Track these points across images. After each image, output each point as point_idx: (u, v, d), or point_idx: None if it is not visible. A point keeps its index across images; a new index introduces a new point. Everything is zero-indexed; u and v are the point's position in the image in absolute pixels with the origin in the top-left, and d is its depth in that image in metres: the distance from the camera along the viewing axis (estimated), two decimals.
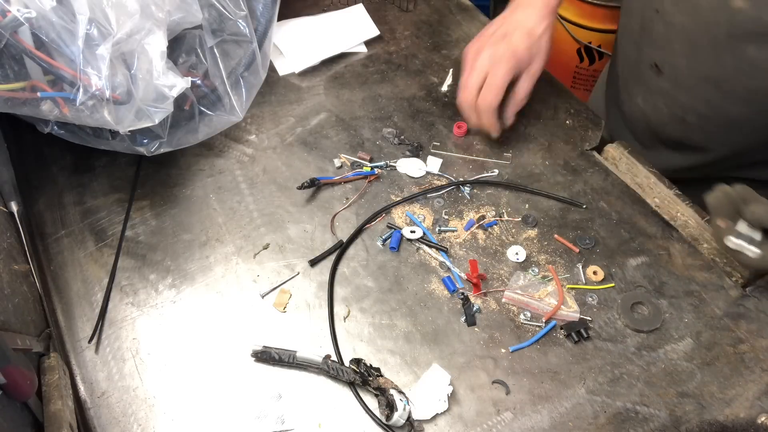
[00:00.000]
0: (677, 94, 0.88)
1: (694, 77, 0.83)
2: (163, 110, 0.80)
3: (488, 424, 0.72)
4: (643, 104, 0.90)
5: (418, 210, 0.90)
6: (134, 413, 0.73)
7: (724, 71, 0.80)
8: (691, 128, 0.88)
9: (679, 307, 0.80)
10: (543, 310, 0.79)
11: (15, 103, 0.76)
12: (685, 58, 0.83)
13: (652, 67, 0.88)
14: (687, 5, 0.79)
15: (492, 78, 0.87)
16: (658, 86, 0.89)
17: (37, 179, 0.93)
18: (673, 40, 0.84)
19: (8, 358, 0.60)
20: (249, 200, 0.91)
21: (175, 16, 0.84)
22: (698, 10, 0.78)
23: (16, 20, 0.70)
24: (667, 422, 0.71)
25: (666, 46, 0.86)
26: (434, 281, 0.83)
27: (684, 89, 0.86)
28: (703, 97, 0.84)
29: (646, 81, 0.91)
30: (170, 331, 0.79)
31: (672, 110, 0.89)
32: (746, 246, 0.72)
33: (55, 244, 0.87)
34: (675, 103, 0.89)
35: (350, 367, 0.74)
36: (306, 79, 1.07)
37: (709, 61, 0.80)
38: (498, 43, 0.88)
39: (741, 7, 0.73)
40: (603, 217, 0.89)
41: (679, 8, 0.81)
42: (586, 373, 0.75)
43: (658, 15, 0.84)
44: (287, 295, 0.82)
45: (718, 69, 0.80)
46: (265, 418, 0.72)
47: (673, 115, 0.89)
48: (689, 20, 0.80)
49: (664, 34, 0.85)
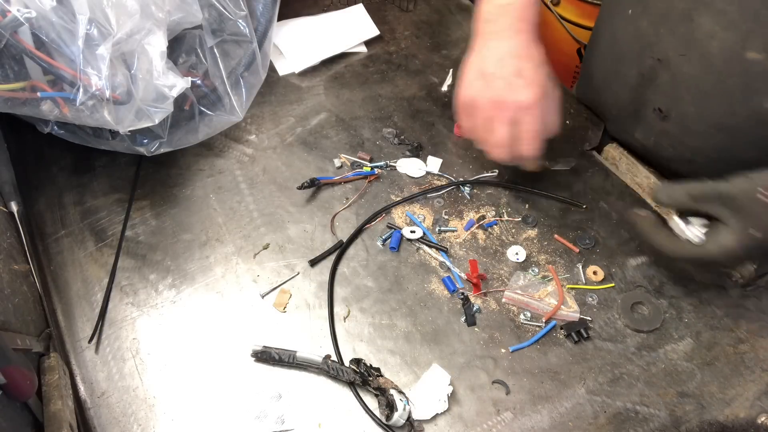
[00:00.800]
0: (685, 138, 0.83)
1: (705, 124, 0.79)
2: (163, 110, 0.80)
3: (488, 424, 0.72)
4: (643, 139, 0.85)
5: (418, 210, 0.90)
6: (134, 413, 0.73)
7: (738, 120, 0.76)
8: (699, 167, 0.83)
9: (679, 307, 0.80)
10: (543, 310, 0.79)
11: (15, 103, 0.76)
12: (695, 107, 0.79)
13: (655, 111, 0.84)
14: (696, 56, 0.75)
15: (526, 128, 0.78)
16: (662, 128, 0.85)
17: (37, 179, 0.93)
18: (680, 88, 0.79)
19: (8, 358, 0.60)
20: (249, 200, 0.91)
21: (175, 16, 0.84)
22: (710, 61, 0.74)
23: (16, 20, 0.70)
24: (667, 422, 0.71)
25: (672, 94, 0.81)
26: (434, 281, 0.83)
27: (693, 135, 0.81)
28: (713, 143, 0.79)
29: (648, 122, 0.86)
30: (170, 331, 0.79)
31: (678, 151, 0.85)
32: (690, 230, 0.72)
33: (55, 244, 0.87)
34: (682, 146, 0.84)
35: (350, 367, 0.74)
36: (306, 79, 1.07)
37: (721, 111, 0.76)
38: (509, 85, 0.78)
39: (756, 59, 0.70)
40: (603, 217, 0.89)
41: (686, 59, 0.76)
42: (586, 373, 0.75)
43: (661, 64, 0.79)
44: (287, 295, 0.82)
45: (731, 118, 0.76)
46: (265, 418, 0.72)
47: (680, 156, 0.85)
48: (699, 71, 0.76)
49: (669, 82, 0.80)
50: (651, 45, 0.81)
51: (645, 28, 0.81)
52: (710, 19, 0.72)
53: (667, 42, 0.78)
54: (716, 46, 0.73)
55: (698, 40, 0.74)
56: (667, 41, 0.78)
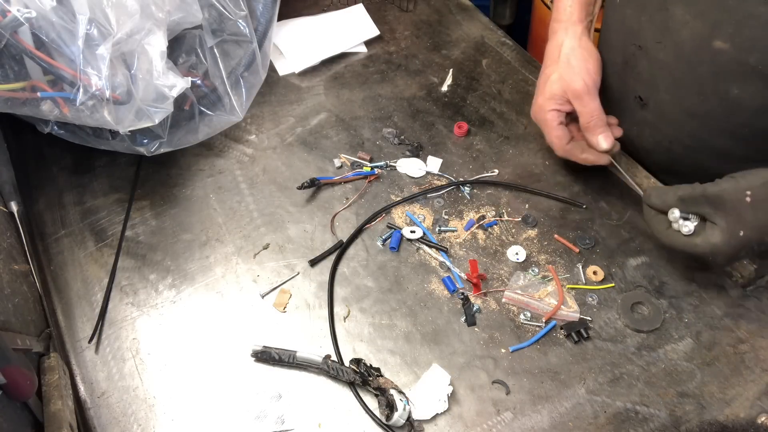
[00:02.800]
0: (662, 126, 0.87)
1: (679, 112, 0.82)
2: (163, 110, 0.80)
3: (488, 424, 0.72)
4: (628, 131, 0.88)
5: (418, 210, 0.90)
6: (134, 413, 0.73)
7: (709, 108, 0.79)
8: (677, 156, 0.87)
9: (679, 307, 0.80)
10: (543, 310, 0.79)
11: (15, 103, 0.76)
12: (669, 94, 0.82)
13: (635, 99, 0.87)
14: (670, 43, 0.78)
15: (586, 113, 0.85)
16: (642, 117, 0.88)
17: (37, 179, 0.93)
18: (657, 76, 0.83)
19: (8, 358, 0.60)
20: (249, 200, 0.91)
21: (175, 16, 0.84)
22: (681, 49, 0.77)
23: (16, 20, 0.70)
24: (667, 422, 0.71)
25: (650, 82, 0.84)
26: (434, 281, 0.83)
27: (668, 122, 0.85)
28: (688, 130, 0.83)
29: (630, 111, 0.90)
30: (170, 331, 0.79)
31: (657, 140, 0.89)
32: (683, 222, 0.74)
33: (55, 244, 0.87)
34: (660, 134, 0.88)
35: (350, 367, 0.74)
36: (306, 79, 1.07)
37: (693, 98, 0.79)
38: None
39: (722, 48, 0.72)
40: (603, 217, 0.89)
41: (662, 46, 0.79)
42: (586, 373, 0.75)
43: (641, 51, 0.83)
44: (287, 295, 0.82)
45: (703, 105, 0.79)
46: (265, 418, 0.72)
47: (659, 144, 0.89)
48: (673, 58, 0.79)
49: (648, 69, 0.83)
50: (634, 32, 0.83)
51: (629, 16, 0.84)
52: (682, 8, 0.75)
53: (647, 29, 0.81)
54: (687, 34, 0.75)
55: (671, 28, 0.77)
56: (647, 29, 0.81)
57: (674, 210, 0.74)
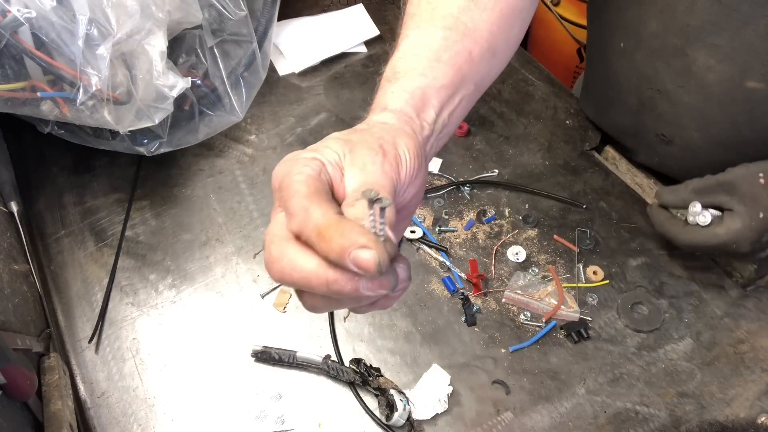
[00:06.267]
0: (689, 159, 0.82)
1: (709, 145, 0.79)
2: (163, 110, 0.80)
3: (488, 424, 0.72)
4: (647, 160, 0.85)
5: (418, 210, 0.90)
6: (134, 413, 0.73)
7: (746, 139, 0.75)
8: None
9: (679, 307, 0.80)
10: (543, 310, 0.79)
11: (15, 103, 0.76)
12: (699, 132, 0.78)
13: (657, 136, 0.83)
14: (695, 87, 0.74)
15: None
16: (667, 151, 0.84)
17: (37, 179, 0.93)
18: (682, 117, 0.78)
19: (8, 358, 0.59)
20: (249, 200, 0.91)
21: (175, 16, 0.84)
22: (711, 92, 0.73)
23: (16, 20, 0.70)
24: (667, 422, 0.71)
25: (674, 122, 0.80)
26: (434, 281, 0.83)
27: (699, 156, 0.81)
28: (722, 160, 0.77)
29: (650, 144, 0.85)
30: (170, 331, 0.79)
31: (686, 169, 0.83)
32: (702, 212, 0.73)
33: (55, 244, 0.87)
34: (688, 164, 0.83)
35: (350, 367, 0.74)
36: (306, 79, 1.07)
37: (728, 133, 0.76)
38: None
39: (757, 87, 0.69)
40: (603, 217, 0.89)
41: (686, 90, 0.75)
42: (586, 373, 0.75)
43: (660, 95, 0.79)
44: (287, 295, 0.82)
45: (738, 138, 0.75)
46: (265, 418, 0.72)
47: (687, 173, 0.82)
48: (700, 101, 0.75)
49: (670, 111, 0.79)
50: (648, 77, 0.80)
51: (640, 61, 0.80)
52: (705, 53, 0.71)
53: (664, 74, 0.77)
54: (714, 78, 0.72)
55: (695, 73, 0.73)
56: (665, 73, 0.77)
57: (695, 204, 0.72)
